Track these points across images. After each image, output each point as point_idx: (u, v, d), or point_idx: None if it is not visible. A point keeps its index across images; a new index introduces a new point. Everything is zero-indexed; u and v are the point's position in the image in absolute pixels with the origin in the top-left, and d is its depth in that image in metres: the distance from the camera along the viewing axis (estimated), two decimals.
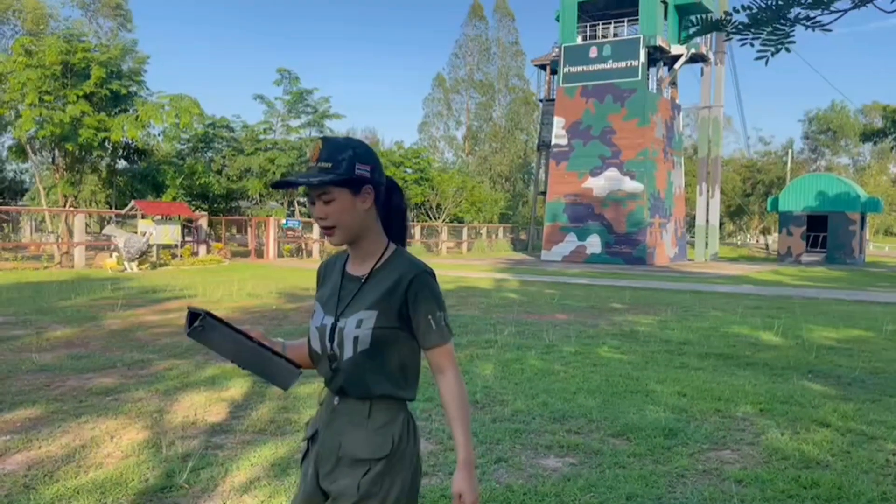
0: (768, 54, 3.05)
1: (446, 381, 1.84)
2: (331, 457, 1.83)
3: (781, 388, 6.34)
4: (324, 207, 1.82)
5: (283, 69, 30.73)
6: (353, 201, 1.82)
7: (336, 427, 1.85)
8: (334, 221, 1.82)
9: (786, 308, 13.48)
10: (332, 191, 1.80)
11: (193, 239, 26.61)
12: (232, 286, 15.40)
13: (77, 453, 4.23)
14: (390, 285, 1.82)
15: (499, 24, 63.99)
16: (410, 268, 1.84)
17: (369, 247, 1.89)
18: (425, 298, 1.81)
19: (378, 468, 1.78)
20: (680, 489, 3.85)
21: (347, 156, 1.80)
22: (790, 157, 57.79)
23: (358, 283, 1.88)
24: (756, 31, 2.90)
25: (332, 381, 1.86)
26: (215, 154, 31.56)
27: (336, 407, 1.87)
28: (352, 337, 1.80)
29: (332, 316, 1.86)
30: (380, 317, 1.80)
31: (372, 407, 1.82)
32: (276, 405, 5.49)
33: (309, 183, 1.79)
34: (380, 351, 1.80)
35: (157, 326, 9.60)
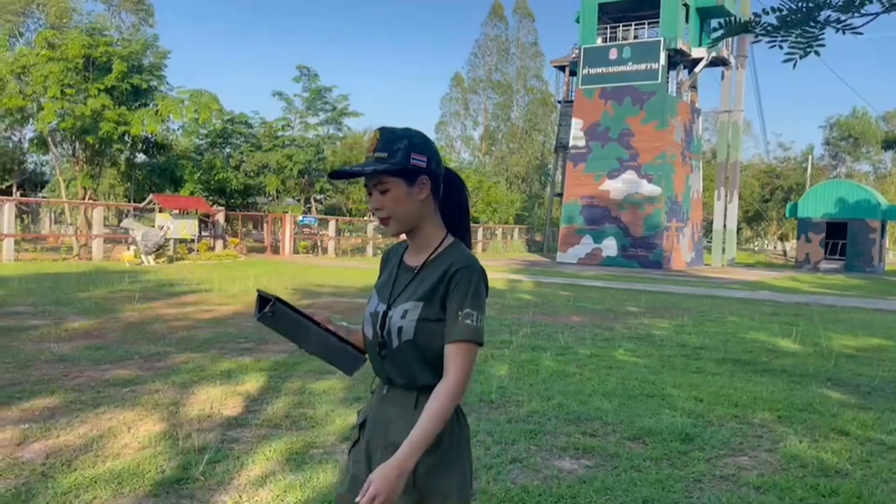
0: (797, 57, 3.01)
1: (445, 383, 1.72)
2: (380, 445, 1.83)
3: (800, 396, 6.28)
4: (379, 197, 1.82)
5: (303, 66, 30.90)
6: (408, 191, 1.82)
7: (384, 416, 1.85)
8: (389, 212, 1.82)
9: (804, 315, 13.35)
10: (387, 181, 1.80)
11: (210, 234, 26.77)
12: (248, 281, 15.46)
13: (95, 443, 4.26)
14: (438, 277, 1.81)
15: (519, 24, 63.87)
16: (459, 260, 1.81)
17: (426, 238, 1.88)
18: (464, 292, 1.77)
19: (430, 461, 1.74)
20: (696, 494, 3.82)
21: (403, 146, 1.80)
22: (810, 163, 57.26)
23: (412, 273, 1.88)
24: (785, 33, 2.87)
25: (380, 369, 1.87)
26: (233, 150, 31.73)
27: (384, 395, 1.87)
28: (397, 327, 1.80)
29: (385, 304, 1.86)
30: (425, 308, 1.78)
31: (419, 396, 1.80)
32: (291, 400, 5.50)
33: (363, 172, 1.80)
34: (425, 342, 1.78)
35: (173, 320, 9.66)
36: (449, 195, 1.91)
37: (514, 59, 63.45)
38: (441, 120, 65.33)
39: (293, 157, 29.88)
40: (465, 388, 1.73)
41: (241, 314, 10.48)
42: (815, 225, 36.29)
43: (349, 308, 11.63)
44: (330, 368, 6.73)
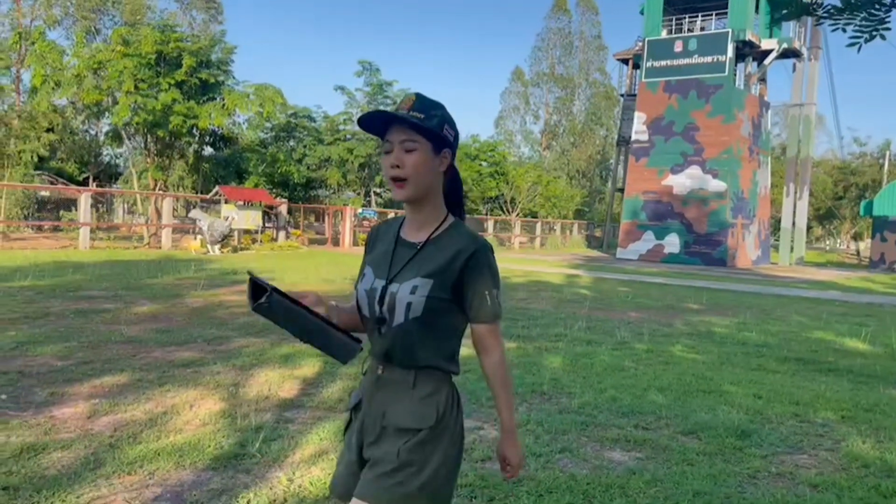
0: (861, 41, 2.92)
1: (492, 359, 1.84)
2: (375, 427, 1.82)
3: (866, 396, 6.07)
4: (402, 155, 1.79)
5: (365, 61, 31.20)
6: (432, 159, 1.81)
7: (380, 397, 1.83)
8: (408, 173, 1.79)
9: (875, 315, 12.86)
10: (417, 140, 1.78)
11: (273, 225, 27.37)
12: (308, 271, 15.79)
13: (159, 419, 4.45)
14: (449, 256, 1.79)
15: (582, 17, 63.16)
16: (471, 241, 1.81)
17: (430, 213, 1.87)
18: (483, 274, 1.79)
19: (420, 437, 1.76)
20: (750, 490, 3.75)
21: (439, 114, 1.81)
22: (887, 159, 54.83)
23: (413, 249, 1.85)
24: (849, 15, 2.78)
25: (378, 347, 1.84)
26: (296, 143, 32.34)
27: (380, 376, 1.84)
28: (405, 302, 1.77)
29: (384, 279, 1.83)
30: (435, 286, 1.77)
31: (417, 376, 1.80)
32: (346, 384, 5.61)
33: (402, 116, 1.77)
34: (431, 320, 1.78)
35: (235, 306, 9.94)
36: (453, 184, 1.91)
37: (577, 52, 62.79)
38: (500, 115, 65.20)
39: (354, 150, 30.27)
40: (505, 353, 1.86)
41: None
42: (891, 223, 34.77)
43: None
44: None
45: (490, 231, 36.16)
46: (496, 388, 1.85)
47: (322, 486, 3.44)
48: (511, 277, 17.27)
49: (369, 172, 32.55)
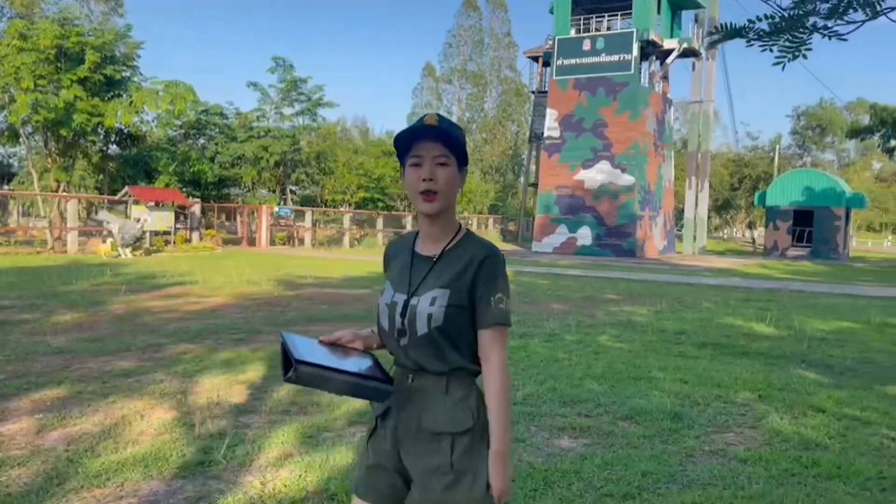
0: (785, 60, 3.25)
1: (491, 367, 1.85)
2: (409, 433, 1.88)
3: (777, 376, 6.59)
4: (435, 169, 1.85)
5: (278, 57, 30.74)
6: (457, 175, 1.90)
7: (414, 404, 1.89)
8: (440, 187, 1.85)
9: (775, 300, 13.79)
10: (449, 155, 1.86)
11: (186, 226, 26.63)
12: (229, 273, 15.51)
13: (112, 430, 4.40)
14: (463, 265, 1.88)
15: (492, 14, 64.11)
16: (482, 248, 1.90)
17: (445, 226, 1.94)
18: (493, 279, 1.86)
19: (465, 442, 1.84)
20: (690, 468, 4.08)
21: (460, 133, 1.89)
22: (777, 152, 58.35)
23: (429, 262, 1.92)
24: (776, 38, 3.10)
25: (405, 358, 1.90)
26: (208, 141, 31.51)
27: (411, 385, 1.90)
28: (426, 314, 1.84)
29: (404, 294, 1.90)
30: (452, 295, 1.84)
31: (449, 381, 1.87)
32: (295, 388, 5.66)
33: (440, 130, 1.84)
34: (453, 328, 1.85)
35: (162, 312, 9.74)
36: None
37: (487, 49, 63.71)
38: (413, 111, 65.39)
39: (269, 147, 29.78)
40: (507, 365, 1.89)
41: (228, 306, 10.59)
42: (782, 213, 37.10)
43: (333, 299, 11.78)
44: None
45: (409, 227, 36.30)
46: (491, 400, 1.85)
47: (296, 487, 3.54)
48: None
49: (285, 170, 32.08)
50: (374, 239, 34.07)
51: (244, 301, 11.17)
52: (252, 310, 10.20)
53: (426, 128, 1.85)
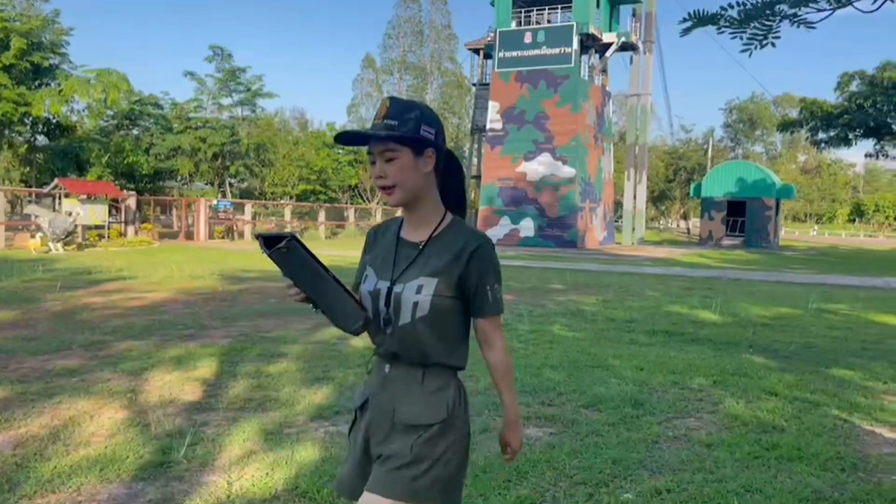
0: (753, 47, 3.29)
1: (495, 353, 1.89)
2: (384, 423, 1.85)
3: (728, 362, 6.75)
4: (384, 166, 1.81)
5: (216, 46, 29.90)
6: (415, 162, 1.82)
7: (388, 394, 1.85)
8: (394, 181, 1.81)
9: (715, 288, 14.17)
10: (396, 149, 1.80)
11: (120, 219, 25.72)
12: (170, 268, 15.04)
13: (61, 432, 4.17)
14: (453, 255, 1.82)
15: (432, 6, 63.83)
16: (472, 237, 1.85)
17: (427, 213, 1.89)
18: (486, 269, 1.83)
19: (431, 431, 1.80)
20: (658, 454, 4.11)
21: (414, 116, 1.80)
22: (710, 145, 60.09)
23: (415, 249, 1.87)
24: (745, 25, 3.13)
25: (384, 346, 1.86)
26: (142, 132, 30.47)
27: (388, 374, 1.87)
28: (411, 302, 1.79)
29: (388, 280, 1.84)
30: (439, 285, 1.80)
31: (426, 373, 1.84)
32: (250, 383, 5.50)
33: (376, 135, 1.78)
34: (438, 318, 1.81)
35: (102, 308, 9.36)
36: (447, 175, 1.93)
37: (428, 41, 63.44)
38: (353, 102, 64.78)
39: (207, 139, 28.99)
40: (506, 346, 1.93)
41: (172, 301, 10.25)
42: (717, 203, 38.26)
43: (281, 293, 11.50)
44: (280, 350, 6.71)
45: (351, 220, 35.97)
46: (499, 380, 1.93)
47: (264, 485, 3.42)
48: None
49: (223, 162, 31.31)
50: (315, 231, 33.61)
51: (188, 296, 10.84)
52: (198, 305, 9.90)
53: (359, 133, 1.84)
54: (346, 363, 6.25)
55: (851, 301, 12.26)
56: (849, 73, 23.66)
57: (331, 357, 6.51)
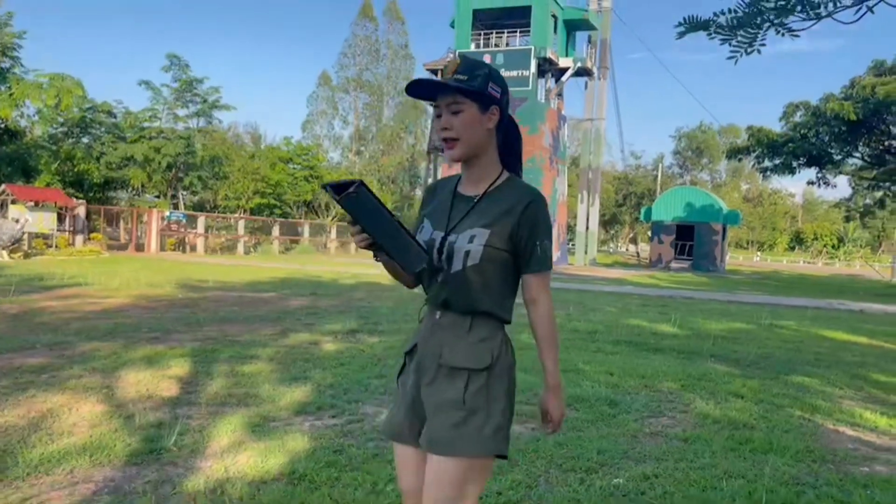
0: (739, 54, 3.48)
1: (540, 310, 1.93)
2: (431, 366, 1.91)
3: (693, 369, 6.96)
4: (450, 118, 1.88)
5: (173, 55, 29.48)
6: (480, 117, 1.89)
7: (437, 338, 1.91)
8: (457, 133, 1.88)
9: (670, 306, 14.52)
10: (462, 102, 1.86)
11: (69, 228, 25.03)
12: (126, 276, 14.72)
13: (41, 423, 4.09)
14: (506, 207, 1.88)
15: (389, 26, 64.26)
16: (527, 192, 1.92)
17: (484, 168, 1.96)
18: (538, 224, 1.89)
19: (480, 381, 1.86)
20: (639, 447, 4.24)
21: (483, 73, 1.88)
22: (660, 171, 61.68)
23: (470, 202, 1.93)
24: (733, 32, 3.32)
25: (436, 294, 1.93)
26: (93, 140, 29.76)
27: (437, 321, 1.93)
28: (463, 251, 1.86)
29: (442, 231, 1.92)
30: (492, 236, 1.86)
31: (473, 321, 1.89)
32: (227, 381, 5.46)
33: (447, 84, 1.85)
34: (487, 268, 1.86)
35: (62, 312, 9.12)
36: (507, 138, 2.00)
37: (384, 60, 63.78)
38: (308, 119, 64.51)
39: (161, 148, 28.49)
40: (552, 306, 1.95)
41: (132, 307, 10.05)
42: (666, 227, 39.19)
43: (241, 301, 11.41)
44: (252, 353, 6.66)
45: (306, 235, 35.69)
46: (542, 341, 1.94)
47: (260, 469, 3.41)
48: (341, 279, 17.31)
49: (176, 173, 30.78)
50: (269, 246, 33.23)
51: (148, 302, 10.63)
52: (159, 311, 9.73)
53: (431, 83, 1.90)
54: (323, 365, 6.25)
55: (800, 319, 12.73)
56: (794, 103, 24.70)
57: (305, 359, 6.49)
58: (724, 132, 71.28)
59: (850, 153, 25.30)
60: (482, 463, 1.87)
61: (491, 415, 1.86)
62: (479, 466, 1.86)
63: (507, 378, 1.93)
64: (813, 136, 23.70)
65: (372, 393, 5.25)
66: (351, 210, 1.71)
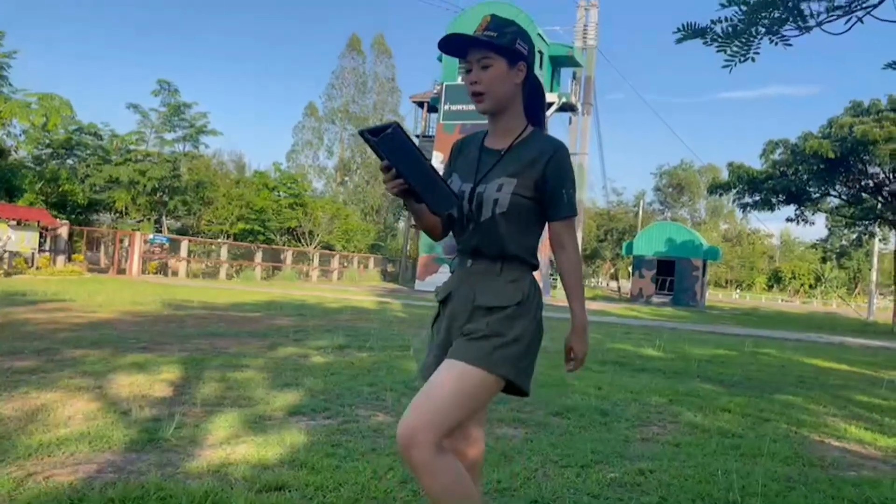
0: (734, 63, 3.65)
1: (567, 255, 2.03)
2: (465, 309, 1.99)
3: (681, 386, 7.04)
4: (479, 72, 1.99)
5: (164, 80, 29.57)
6: (508, 72, 2.00)
7: (469, 284, 2.01)
8: (486, 87, 1.99)
9: (654, 335, 14.63)
10: (492, 57, 1.97)
11: (50, 248, 24.78)
12: (111, 295, 14.61)
13: (36, 415, 4.07)
14: (532, 157, 1.99)
15: (376, 59, 64.96)
16: (552, 143, 2.03)
17: (511, 123, 2.06)
18: (562, 173, 2.00)
19: (506, 312, 1.94)
20: (632, 449, 4.30)
21: (511, 31, 2.00)
22: (641, 207, 62.37)
23: (497, 155, 2.04)
24: (730, 41, 3.48)
25: (467, 242, 2.03)
26: (78, 162, 29.63)
27: (469, 268, 2.03)
28: (492, 199, 1.96)
29: (471, 182, 2.03)
30: (518, 185, 1.96)
31: (503, 265, 1.99)
32: (219, 386, 5.46)
33: (477, 39, 1.95)
34: (515, 215, 1.97)
35: (47, 324, 9.04)
36: (531, 93, 2.10)
37: (371, 92, 64.33)
38: (293, 149, 64.70)
39: (147, 172, 28.42)
40: (579, 250, 2.05)
41: (118, 321, 9.98)
42: (647, 262, 39.54)
43: (227, 319, 11.37)
44: (242, 363, 6.65)
45: (288, 262, 35.58)
46: (569, 283, 2.04)
47: (260, 457, 3.43)
48: (326, 303, 17.28)
49: (161, 197, 30.67)
50: (252, 272, 33.06)
51: (134, 317, 10.57)
52: (146, 325, 9.67)
53: (463, 37, 1.99)
54: (314, 374, 6.25)
55: (781, 348, 12.88)
56: (773, 140, 25.23)
57: (296, 369, 6.50)
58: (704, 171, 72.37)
59: (827, 191, 25.80)
60: (485, 379, 1.90)
61: (508, 340, 1.93)
62: (480, 381, 1.89)
63: (534, 316, 2.01)
64: (792, 174, 24.17)
65: (365, 399, 5.27)
66: (387, 152, 1.77)
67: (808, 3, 3.18)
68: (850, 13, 3.24)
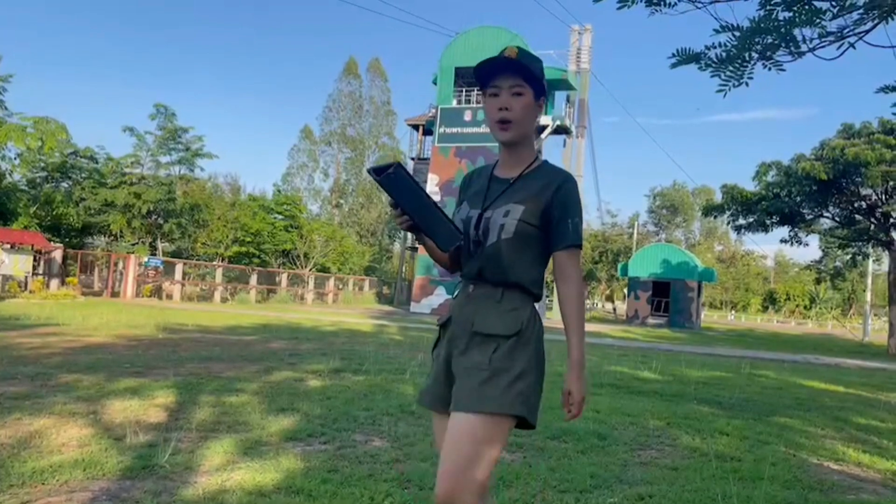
0: (728, 88, 3.68)
1: (569, 286, 1.99)
2: (464, 335, 1.98)
3: (677, 409, 7.02)
4: (510, 99, 2.00)
5: (161, 104, 29.67)
6: (533, 105, 2.04)
7: (470, 309, 2.01)
8: (515, 116, 2.00)
9: (650, 357, 14.60)
10: (525, 86, 2.00)
11: (45, 272, 24.69)
12: (106, 317, 14.54)
13: (28, 441, 4.03)
14: (540, 186, 2.01)
15: (371, 83, 65.41)
16: (560, 174, 2.06)
17: (523, 153, 2.09)
18: (570, 203, 2.01)
19: (507, 345, 1.93)
20: (630, 473, 4.28)
21: (539, 65, 2.03)
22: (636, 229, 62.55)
23: (506, 183, 2.06)
24: (724, 66, 3.51)
25: (471, 266, 2.02)
26: (73, 185, 29.61)
27: (471, 293, 2.03)
28: (498, 224, 1.97)
29: (479, 209, 2.04)
30: (525, 212, 1.97)
31: (504, 292, 1.98)
32: (214, 410, 5.41)
33: (519, 64, 1.97)
34: (520, 242, 1.97)
35: (40, 348, 8.99)
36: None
37: (367, 115, 64.67)
38: (288, 171, 64.87)
39: (143, 195, 28.41)
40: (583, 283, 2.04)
41: (113, 345, 9.91)
42: (642, 284, 39.56)
43: (223, 343, 11.31)
44: (237, 387, 6.61)
45: (283, 284, 35.50)
46: (569, 317, 1.99)
47: (256, 483, 3.39)
48: (321, 326, 17.21)
49: (156, 220, 30.63)
50: (247, 295, 32.96)
51: (128, 341, 10.50)
52: (140, 349, 9.61)
53: (505, 60, 1.99)
54: (310, 398, 6.21)
55: (778, 370, 12.86)
56: (766, 162, 25.36)
57: (292, 393, 6.46)
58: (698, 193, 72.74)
59: (821, 213, 25.91)
60: (501, 422, 1.90)
61: (515, 377, 1.91)
62: (497, 425, 1.89)
63: (535, 346, 2.00)
64: (785, 195, 24.26)
65: (361, 424, 5.23)
66: (389, 189, 1.82)
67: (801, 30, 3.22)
68: (842, 38, 3.28)
